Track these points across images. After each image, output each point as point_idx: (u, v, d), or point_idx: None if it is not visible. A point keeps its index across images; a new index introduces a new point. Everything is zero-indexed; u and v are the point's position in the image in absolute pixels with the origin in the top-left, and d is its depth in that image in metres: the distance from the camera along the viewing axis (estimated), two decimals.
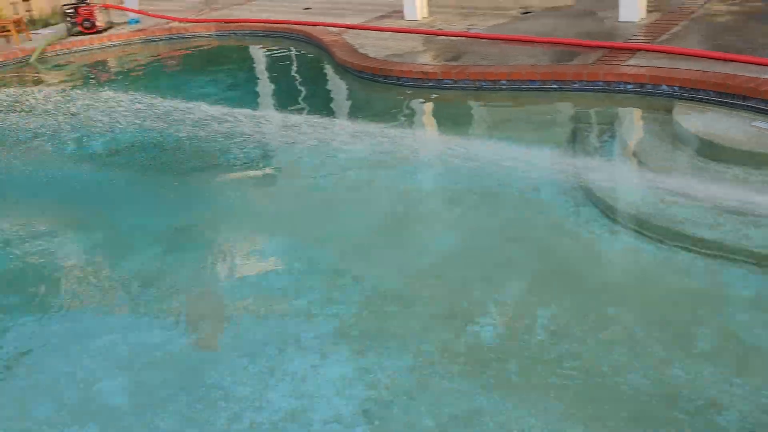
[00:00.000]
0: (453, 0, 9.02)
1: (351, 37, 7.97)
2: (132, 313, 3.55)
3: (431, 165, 5.18)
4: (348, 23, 8.68)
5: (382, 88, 6.50)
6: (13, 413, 2.85)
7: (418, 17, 8.43)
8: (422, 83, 6.23)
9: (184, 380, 2.98)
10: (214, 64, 8.75)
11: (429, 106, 6.11)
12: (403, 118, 5.99)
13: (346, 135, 5.51)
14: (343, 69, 7.17)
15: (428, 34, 7.70)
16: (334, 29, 8.49)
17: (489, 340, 3.09)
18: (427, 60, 6.68)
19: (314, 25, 8.85)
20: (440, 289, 3.52)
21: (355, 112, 6.17)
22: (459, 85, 6.05)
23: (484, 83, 5.96)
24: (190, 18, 10.43)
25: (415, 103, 6.21)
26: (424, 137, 5.63)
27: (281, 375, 2.96)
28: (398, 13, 9.01)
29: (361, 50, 7.28)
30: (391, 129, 5.53)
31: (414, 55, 6.88)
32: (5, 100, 7.45)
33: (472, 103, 6.07)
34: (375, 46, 7.42)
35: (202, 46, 9.61)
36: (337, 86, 7.08)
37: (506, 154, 4.70)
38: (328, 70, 7.59)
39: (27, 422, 2.79)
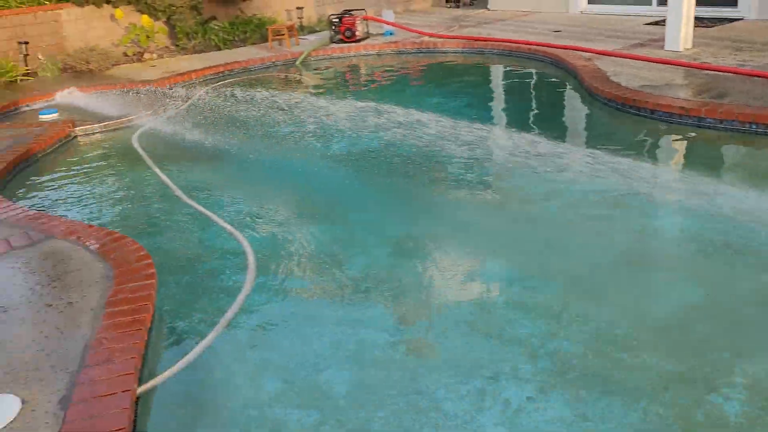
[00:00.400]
0: (723, 31, 8.23)
1: (603, 64, 7.65)
2: (359, 309, 3.70)
3: (678, 209, 4.74)
4: (600, 49, 8.35)
5: (632, 121, 6.13)
6: (247, 385, 3.11)
7: (681, 48, 7.83)
8: (679, 119, 5.75)
9: (400, 385, 3.04)
10: (458, 79, 8.94)
11: (684, 145, 5.62)
12: (652, 155, 5.59)
13: (584, 165, 5.27)
14: (591, 96, 6.90)
15: (690, 66, 7.11)
16: (584, 54, 8.23)
17: (734, 416, 2.71)
18: (686, 95, 6.17)
19: (564, 48, 8.66)
20: (679, 347, 3.19)
21: (598, 143, 5.87)
22: (723, 125, 5.48)
23: (755, 126, 5.32)
24: (440, 33, 10.81)
25: (668, 140, 5.76)
26: (674, 178, 5.18)
27: (494, 401, 2.89)
28: (656, 42, 8.48)
29: (613, 78, 6.95)
30: (637, 164, 5.18)
31: (672, 88, 6.39)
32: (269, 97, 8.34)
33: (736, 146, 5.46)
34: (628, 75, 7.03)
35: (449, 61, 9.90)
36: (583, 114, 6.83)
37: None
38: (575, 96, 7.36)
39: (259, 396, 3.03)
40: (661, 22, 9.70)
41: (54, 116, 7.82)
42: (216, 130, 7.06)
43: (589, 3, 11.80)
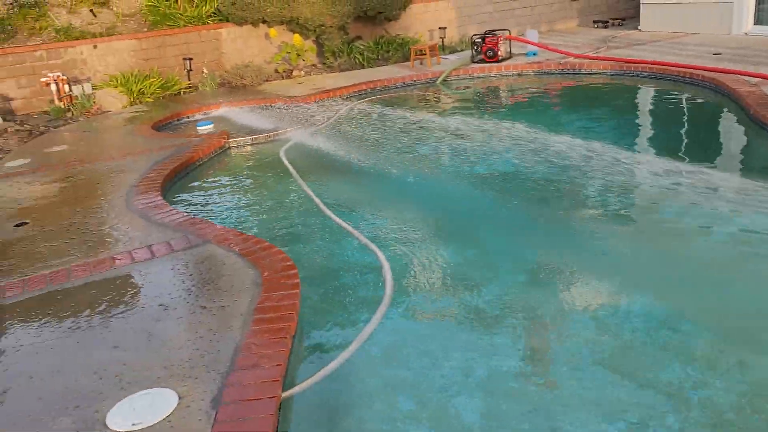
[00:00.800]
0: None
1: None
2: (490, 336, 3.61)
3: None
4: (766, 73, 7.70)
5: None
6: (380, 401, 3.13)
7: None
8: None
9: (533, 419, 2.94)
10: (605, 103, 8.58)
11: None
12: None
13: (751, 199, 4.84)
14: (757, 125, 6.36)
15: None
16: (750, 79, 7.62)
17: None
18: None
19: (725, 72, 8.07)
20: None
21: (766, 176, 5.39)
22: None
23: None
24: (587, 54, 10.47)
25: None
26: None
27: None
28: None
29: None
30: None
31: None
32: (409, 115, 8.47)
33: None
34: None
35: (594, 83, 9.56)
36: (747, 144, 6.30)
37: None
38: (737, 124, 6.81)
39: (393, 414, 3.04)
40: None
41: (209, 128, 8.42)
42: (357, 145, 7.27)
43: (755, 24, 10.94)
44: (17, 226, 5.20)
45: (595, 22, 14.48)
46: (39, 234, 4.99)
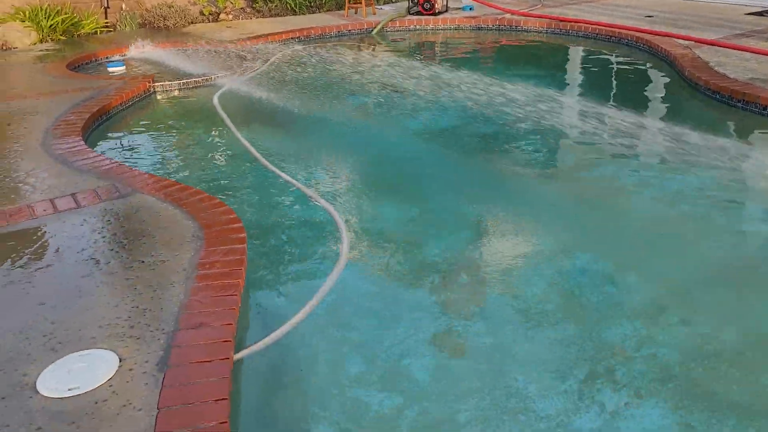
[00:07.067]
0: None
1: (703, 53, 7.21)
2: (438, 297, 3.52)
3: None
4: (698, 37, 7.88)
5: (738, 115, 5.72)
6: (336, 365, 3.01)
7: None
8: None
9: (484, 377, 2.89)
10: (542, 61, 8.58)
11: None
12: (761, 152, 5.21)
13: (685, 158, 4.95)
14: (691, 86, 6.49)
15: None
16: (682, 42, 7.78)
17: None
18: None
19: (659, 34, 8.21)
20: None
21: (703, 137, 5.49)
22: None
23: None
24: (523, 11, 10.42)
25: None
26: None
27: (588, 404, 2.70)
28: (761, 33, 7.97)
29: (717, 68, 6.53)
30: (744, 161, 4.85)
31: None
32: (345, 64, 8.20)
33: None
34: (735, 67, 6.59)
35: (530, 40, 9.54)
36: (683, 104, 6.42)
37: None
38: (672, 85, 6.94)
39: (341, 376, 2.92)
40: (765, 13, 9.13)
41: (121, 69, 7.89)
42: (294, 94, 6.97)
43: None
44: None
45: None
46: None
